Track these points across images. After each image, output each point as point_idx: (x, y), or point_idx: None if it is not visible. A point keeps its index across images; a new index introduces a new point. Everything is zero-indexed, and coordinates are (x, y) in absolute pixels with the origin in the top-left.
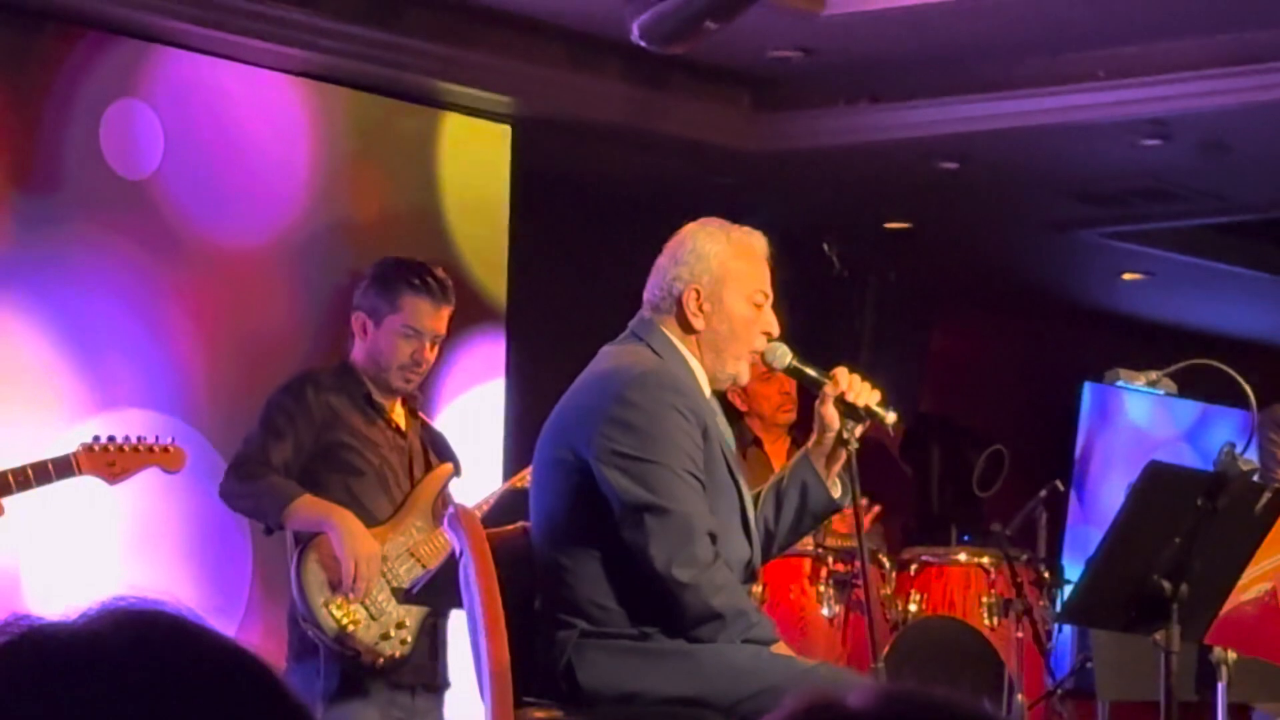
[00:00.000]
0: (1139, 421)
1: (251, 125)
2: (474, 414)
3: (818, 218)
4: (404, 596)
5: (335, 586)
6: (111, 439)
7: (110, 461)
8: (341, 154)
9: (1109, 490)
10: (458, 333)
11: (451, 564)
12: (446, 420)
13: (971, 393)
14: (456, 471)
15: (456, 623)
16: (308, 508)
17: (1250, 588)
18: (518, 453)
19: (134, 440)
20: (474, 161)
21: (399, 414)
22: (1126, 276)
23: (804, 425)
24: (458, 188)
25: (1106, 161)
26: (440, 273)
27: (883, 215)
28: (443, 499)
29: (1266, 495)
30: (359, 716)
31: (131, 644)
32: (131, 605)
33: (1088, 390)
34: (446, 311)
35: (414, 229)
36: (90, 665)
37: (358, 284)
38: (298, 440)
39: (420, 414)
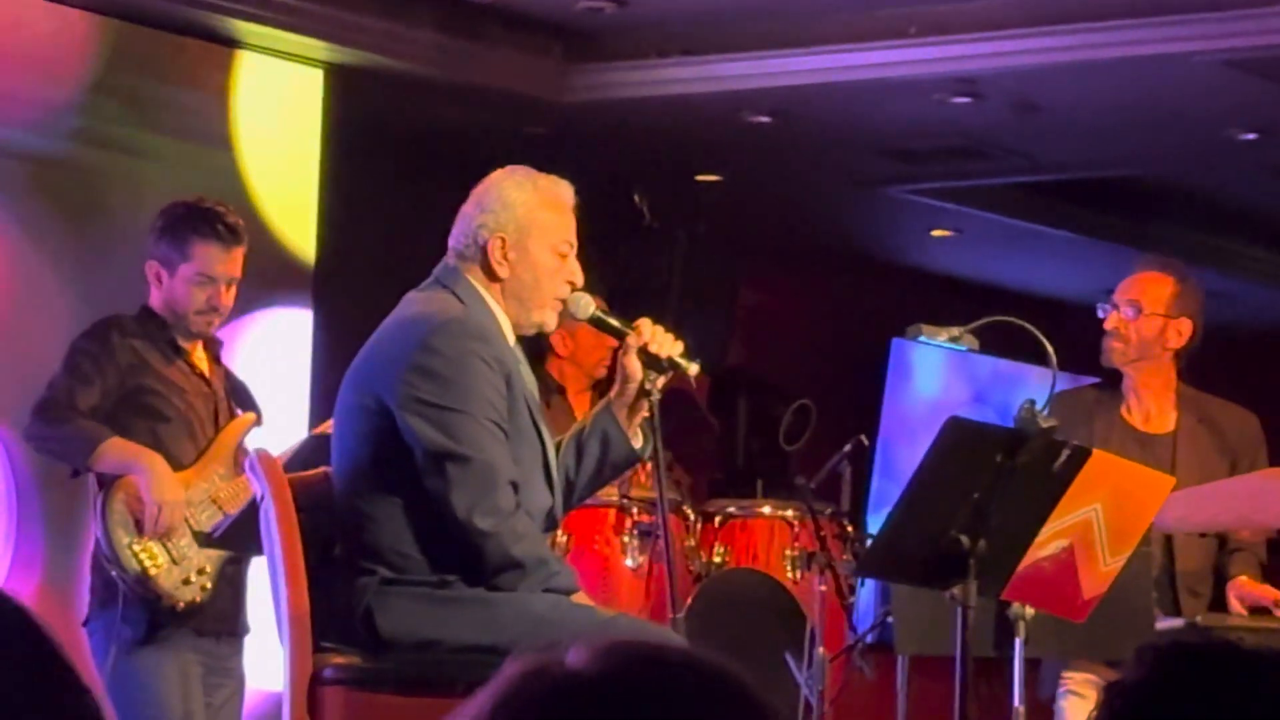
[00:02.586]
0: (934, 378)
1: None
2: (279, 365)
3: (629, 169)
4: (205, 540)
5: (139, 528)
6: None
7: None
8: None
9: (908, 447)
10: (261, 286)
11: (253, 509)
12: (250, 370)
13: (780, 347)
14: (258, 421)
15: (257, 569)
16: (116, 450)
17: (1048, 544)
18: (323, 402)
19: None
20: (283, 107)
21: (202, 359)
22: (935, 233)
23: (609, 379)
24: (263, 134)
25: (917, 118)
26: (230, 215)
27: (694, 168)
28: (244, 448)
29: (1065, 453)
30: (160, 662)
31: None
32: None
33: (894, 345)
34: (239, 253)
35: (212, 178)
36: None
37: (150, 231)
38: (104, 385)
39: (223, 363)
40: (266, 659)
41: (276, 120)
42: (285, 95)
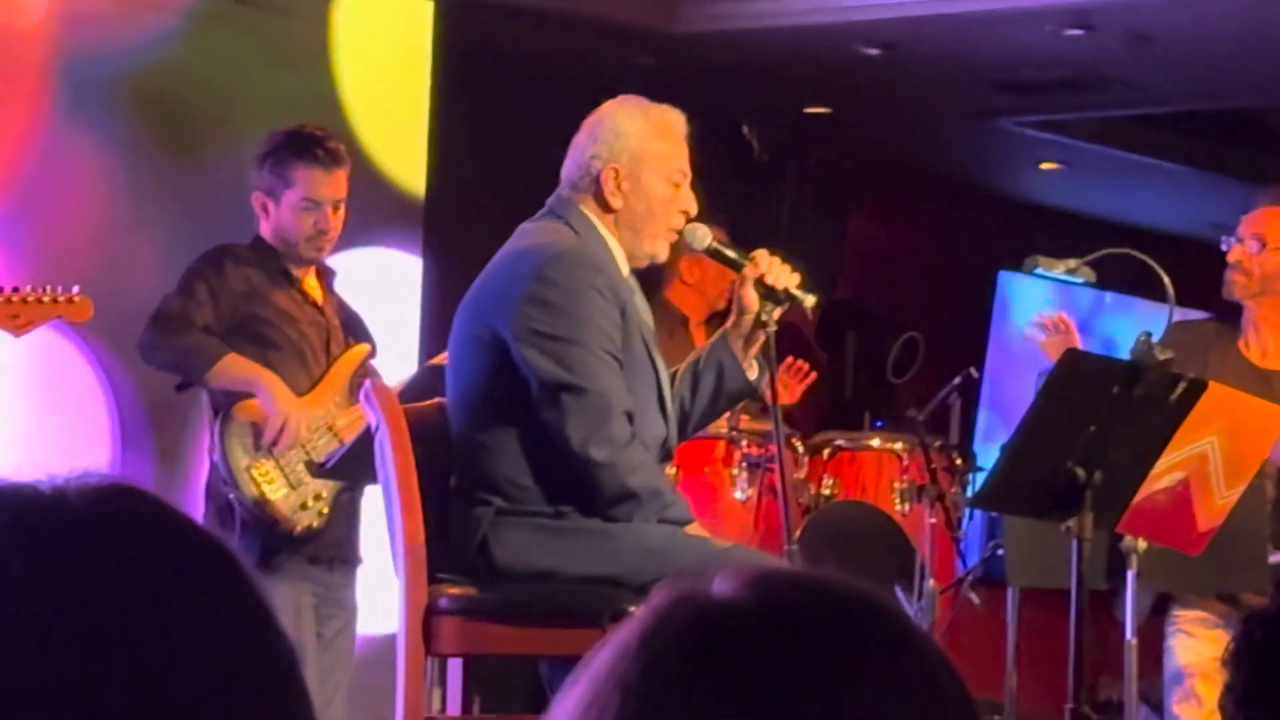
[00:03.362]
0: (1030, 310)
1: None
2: (390, 299)
3: (739, 101)
4: (318, 470)
5: (257, 449)
6: (15, 289)
7: (14, 314)
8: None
9: (1015, 380)
10: (371, 220)
11: (367, 439)
12: (361, 304)
13: (889, 280)
14: (373, 352)
15: (372, 499)
16: (236, 366)
17: (1163, 477)
18: (436, 335)
19: (39, 291)
20: (391, 39)
21: (314, 287)
22: (1044, 166)
23: (728, 310)
24: (371, 66)
25: (1028, 50)
26: (330, 139)
27: (804, 100)
28: (359, 378)
29: (1182, 385)
30: (274, 590)
31: (100, 515)
32: (99, 478)
33: (1002, 279)
34: (342, 175)
35: (314, 110)
36: (59, 527)
37: (253, 163)
38: (217, 309)
39: (336, 292)
40: (383, 589)
41: (385, 52)
42: (394, 26)
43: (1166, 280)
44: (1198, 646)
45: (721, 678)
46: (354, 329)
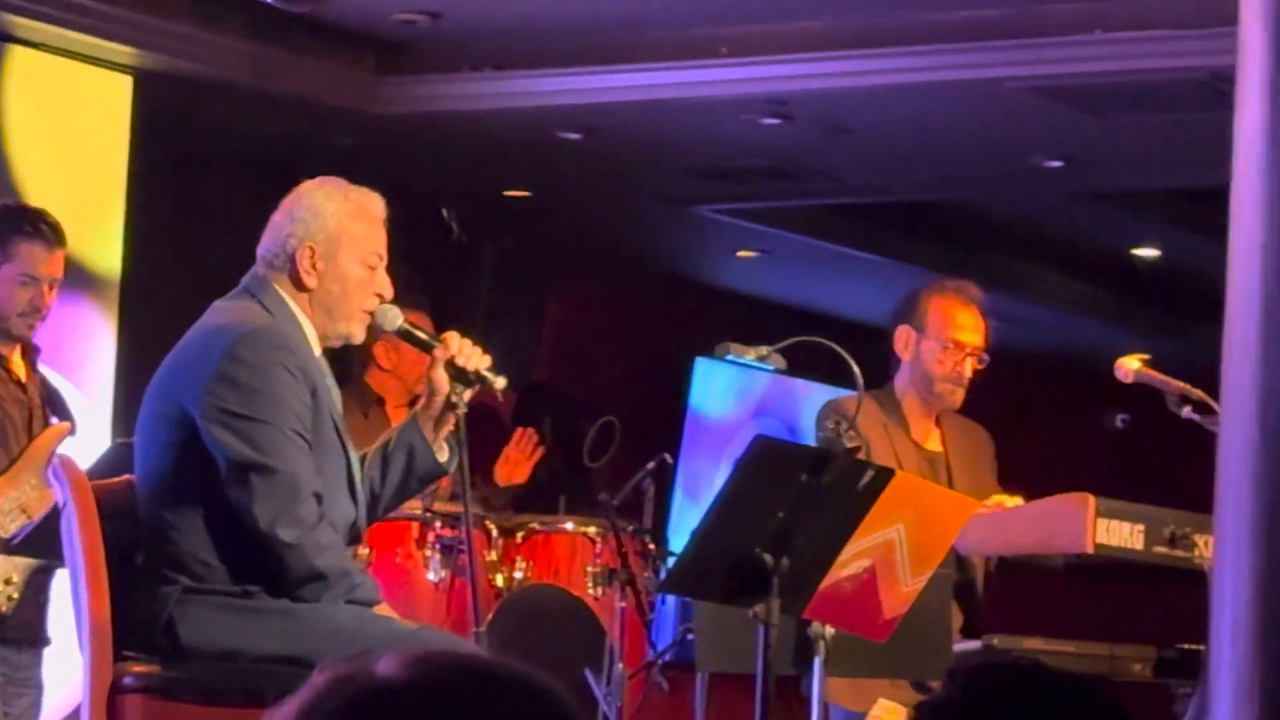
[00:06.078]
0: (723, 397)
1: None
2: (83, 373)
3: (438, 183)
4: (4, 546)
5: None
6: None
7: None
8: None
9: (711, 465)
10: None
11: (55, 515)
12: (53, 378)
13: (586, 364)
14: (72, 430)
15: (61, 580)
16: None
17: (850, 564)
18: (127, 411)
19: None
20: (87, 113)
21: (19, 365)
22: (741, 254)
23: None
24: (67, 139)
25: (727, 138)
26: (50, 217)
27: (503, 183)
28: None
29: (869, 473)
30: None
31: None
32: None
33: (697, 365)
34: (60, 254)
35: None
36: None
37: None
38: None
39: (40, 369)
40: (68, 669)
41: (79, 126)
42: (90, 100)
43: (855, 368)
44: None
45: None
46: (56, 406)
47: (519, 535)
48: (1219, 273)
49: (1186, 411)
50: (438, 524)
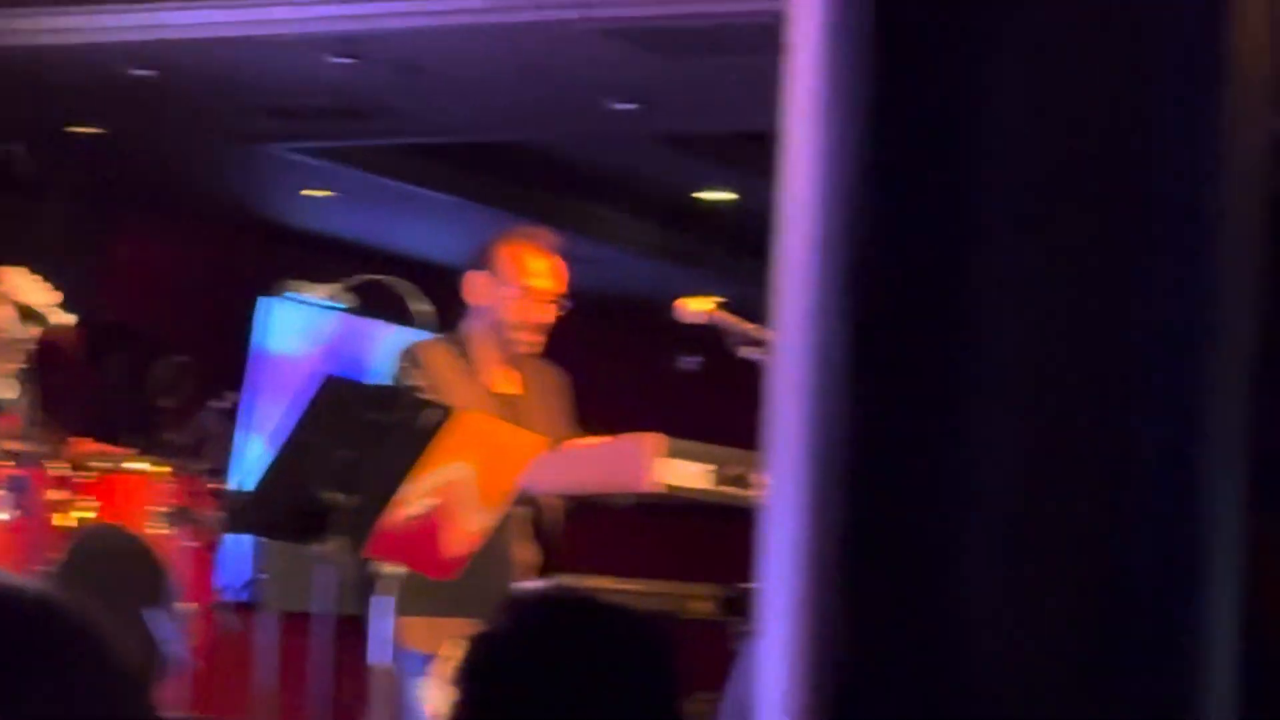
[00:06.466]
0: (291, 336)
1: None
2: None
3: (3, 119)
4: None
5: None
6: None
7: None
8: None
9: (278, 404)
10: None
11: None
12: None
13: (157, 302)
14: None
15: None
16: None
17: (415, 502)
18: None
19: None
20: None
21: None
22: (309, 192)
23: None
24: None
25: (296, 77)
26: None
27: (72, 119)
28: None
29: (431, 411)
30: None
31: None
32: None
33: (262, 303)
34: None
35: None
36: None
37: None
38: None
39: None
40: None
41: None
42: None
43: (416, 308)
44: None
45: None
46: None
47: (87, 474)
48: None
49: (746, 351)
50: (9, 463)
